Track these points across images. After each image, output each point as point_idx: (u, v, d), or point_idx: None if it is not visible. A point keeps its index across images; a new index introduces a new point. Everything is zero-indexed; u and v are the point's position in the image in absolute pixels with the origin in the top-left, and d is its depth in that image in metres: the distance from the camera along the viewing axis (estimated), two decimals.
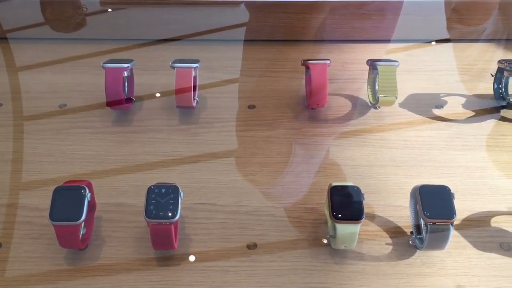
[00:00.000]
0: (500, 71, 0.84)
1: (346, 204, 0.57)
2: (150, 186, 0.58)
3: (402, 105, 0.85)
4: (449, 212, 0.56)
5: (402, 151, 0.76)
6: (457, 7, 1.02)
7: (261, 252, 0.62)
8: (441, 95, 0.87)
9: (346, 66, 0.94)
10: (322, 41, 1.00)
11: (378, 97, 0.79)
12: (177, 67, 0.78)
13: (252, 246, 0.62)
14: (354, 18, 1.00)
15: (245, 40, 1.00)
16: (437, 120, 0.82)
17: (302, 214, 0.67)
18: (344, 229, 0.57)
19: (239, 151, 0.76)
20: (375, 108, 0.84)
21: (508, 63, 0.80)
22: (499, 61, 0.83)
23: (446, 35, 1.00)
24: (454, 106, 0.85)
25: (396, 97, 0.79)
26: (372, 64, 0.80)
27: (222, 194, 0.69)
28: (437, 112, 0.84)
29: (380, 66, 0.79)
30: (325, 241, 0.62)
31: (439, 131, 0.80)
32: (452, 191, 0.59)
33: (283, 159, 0.75)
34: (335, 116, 0.83)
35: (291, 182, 0.72)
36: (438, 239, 0.57)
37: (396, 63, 0.79)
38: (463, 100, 0.86)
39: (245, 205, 0.68)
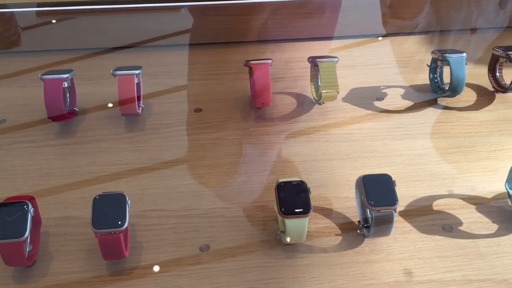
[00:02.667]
0: (434, 61, 0.88)
1: (293, 199, 0.58)
2: (96, 196, 0.57)
3: (345, 99, 0.87)
4: (392, 199, 0.58)
5: (346, 144, 0.78)
6: (392, 2, 1.05)
7: (213, 254, 0.62)
8: (381, 87, 0.90)
9: (289, 64, 0.96)
10: (264, 41, 1.01)
11: (320, 93, 0.80)
12: (119, 75, 0.77)
13: (204, 249, 0.62)
14: (294, 17, 1.01)
15: (188, 45, 1.00)
16: (378, 112, 0.85)
17: (253, 213, 0.67)
18: (292, 223, 0.58)
19: (186, 155, 0.76)
20: (319, 104, 0.86)
21: (441, 53, 0.83)
22: (433, 52, 0.86)
23: (384, 30, 1.04)
24: (394, 98, 0.88)
25: (338, 92, 0.81)
26: (313, 61, 0.82)
27: (171, 199, 0.69)
28: (378, 104, 0.86)
29: (320, 62, 0.81)
30: (276, 237, 0.63)
31: (381, 123, 0.83)
32: (393, 179, 0.61)
33: (231, 160, 0.76)
34: (281, 114, 0.84)
35: (240, 182, 0.72)
36: (383, 226, 0.59)
37: (336, 59, 0.82)
38: (402, 91, 0.89)
39: (196, 208, 0.68)
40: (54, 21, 0.95)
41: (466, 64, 0.83)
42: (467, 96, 0.88)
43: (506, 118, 0.83)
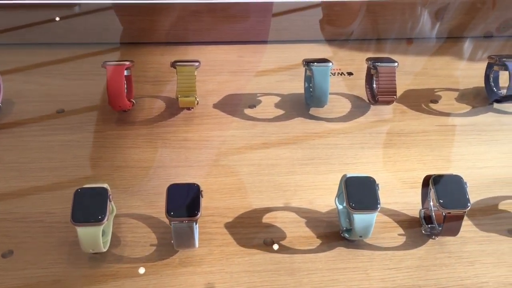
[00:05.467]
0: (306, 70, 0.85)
1: (88, 206, 0.56)
2: None
3: (216, 105, 0.85)
4: (193, 210, 0.56)
5: (199, 151, 0.76)
6: (327, 10, 1.03)
7: (15, 260, 0.59)
8: (258, 95, 0.88)
9: (173, 68, 0.93)
10: (178, 43, 0.99)
11: (177, 97, 0.78)
12: None
13: (7, 255, 0.60)
14: (217, 21, 1.00)
15: (76, 44, 0.98)
16: (245, 119, 0.83)
17: None
18: (84, 231, 0.55)
19: (31, 156, 0.74)
20: (188, 109, 0.83)
21: (307, 63, 0.81)
22: (303, 61, 0.84)
23: (312, 37, 1.01)
24: (267, 106, 0.86)
25: (196, 98, 0.79)
26: (173, 65, 0.80)
27: None
28: (248, 112, 0.84)
29: (179, 66, 0.79)
30: None
31: (244, 130, 0.81)
32: (201, 189, 0.58)
33: (77, 163, 0.74)
34: (145, 118, 0.82)
35: (73, 187, 0.69)
36: (183, 237, 0.57)
37: (196, 64, 0.80)
38: (277, 99, 0.87)
39: (16, 211, 0.65)
40: None
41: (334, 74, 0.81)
42: (342, 107, 0.86)
43: (372, 131, 0.81)
